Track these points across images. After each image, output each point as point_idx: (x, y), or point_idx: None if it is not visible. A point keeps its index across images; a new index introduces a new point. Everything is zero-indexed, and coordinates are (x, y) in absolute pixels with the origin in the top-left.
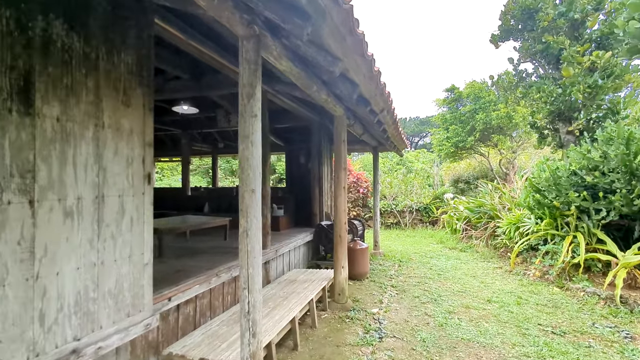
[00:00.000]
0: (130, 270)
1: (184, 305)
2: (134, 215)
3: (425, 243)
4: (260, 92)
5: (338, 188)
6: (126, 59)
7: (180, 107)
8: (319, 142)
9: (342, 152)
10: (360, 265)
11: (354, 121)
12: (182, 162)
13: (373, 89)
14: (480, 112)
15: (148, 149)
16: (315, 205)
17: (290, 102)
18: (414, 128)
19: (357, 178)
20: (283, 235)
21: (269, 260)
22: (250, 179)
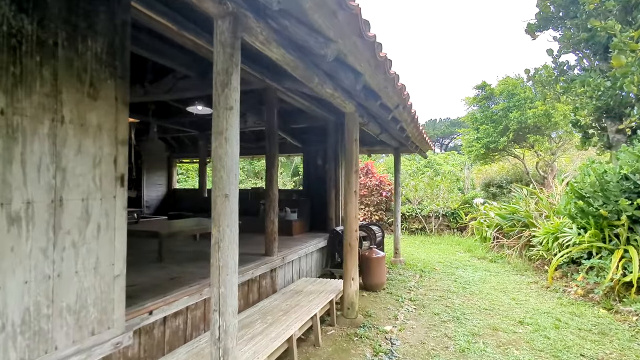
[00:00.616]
0: (95, 283)
1: (172, 318)
2: (101, 222)
3: (452, 251)
4: (238, 81)
5: (349, 192)
6: (94, 47)
7: (195, 108)
8: (335, 143)
9: (353, 153)
10: (375, 276)
11: (367, 119)
12: (199, 163)
13: (381, 80)
14: (515, 110)
15: (121, 148)
16: (331, 209)
17: (302, 100)
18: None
19: (380, 181)
20: (295, 241)
21: (275, 268)
22: (223, 181)
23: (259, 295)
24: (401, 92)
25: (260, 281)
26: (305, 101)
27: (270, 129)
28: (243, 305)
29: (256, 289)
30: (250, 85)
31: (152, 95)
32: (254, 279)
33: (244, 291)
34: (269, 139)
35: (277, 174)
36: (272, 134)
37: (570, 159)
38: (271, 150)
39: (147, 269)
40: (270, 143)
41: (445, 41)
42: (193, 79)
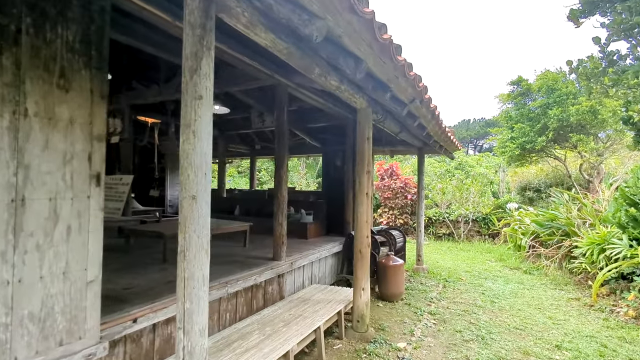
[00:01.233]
0: (65, 290)
1: (163, 326)
2: (72, 223)
3: (481, 260)
4: (211, 67)
5: (360, 195)
6: (65, 35)
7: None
8: (354, 142)
9: (365, 152)
10: (393, 285)
11: (383, 116)
12: (218, 163)
13: (389, 69)
14: (555, 107)
15: (97, 144)
16: (349, 212)
17: (317, 98)
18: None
19: (405, 183)
20: (309, 245)
21: (282, 274)
22: (190, 181)
23: (264, 302)
24: (415, 83)
25: (265, 287)
26: (320, 98)
27: (279, 127)
28: (246, 312)
29: (261, 295)
30: (259, 82)
31: (165, 94)
32: (259, 285)
33: (247, 298)
34: (278, 138)
35: (286, 175)
36: (282, 133)
37: (620, 160)
38: (280, 150)
39: (147, 271)
40: (279, 143)
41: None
42: None
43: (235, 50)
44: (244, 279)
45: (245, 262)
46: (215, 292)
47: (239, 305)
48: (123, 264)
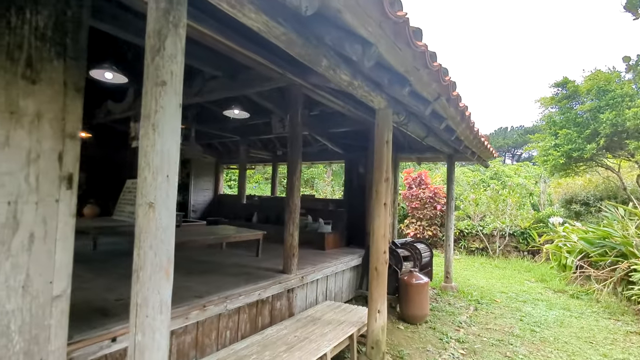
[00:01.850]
0: (23, 306)
1: None
2: (36, 230)
3: (519, 279)
4: (179, 48)
5: (377, 204)
6: (34, 21)
7: (232, 112)
8: None
9: (383, 158)
10: (416, 305)
11: (406, 117)
12: (239, 169)
13: (407, 57)
14: (608, 110)
15: (70, 143)
16: (370, 222)
17: (335, 99)
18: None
19: (435, 193)
20: (325, 257)
21: (292, 288)
22: (147, 185)
23: (271, 320)
24: (440, 77)
25: (273, 303)
26: (339, 100)
27: (293, 131)
28: (249, 330)
29: (267, 311)
30: (272, 82)
31: (184, 98)
32: (265, 300)
33: (251, 314)
34: (291, 142)
35: (299, 181)
36: (295, 137)
37: None
38: (293, 155)
39: None
40: (292, 147)
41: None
42: (221, 79)
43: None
44: (247, 294)
45: (253, 274)
46: (213, 308)
47: (242, 322)
48: (125, 271)
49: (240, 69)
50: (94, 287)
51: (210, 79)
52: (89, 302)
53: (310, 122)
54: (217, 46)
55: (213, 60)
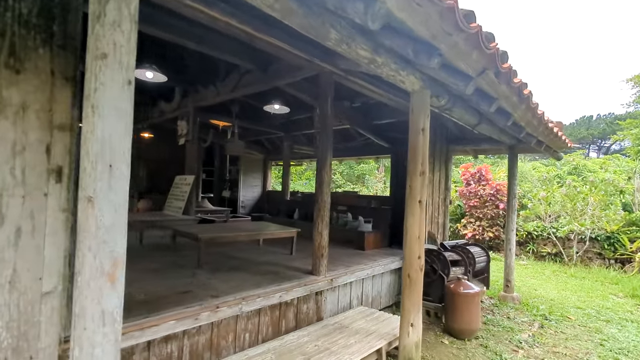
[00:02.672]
0: (11, 301)
1: (161, 343)
2: (23, 225)
3: (602, 293)
4: (124, 16)
5: (411, 203)
6: (18, 7)
7: (272, 107)
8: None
9: (418, 148)
10: (464, 318)
11: (448, 100)
12: (283, 165)
13: (430, 15)
14: None
15: (59, 134)
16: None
17: (370, 86)
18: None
19: (497, 190)
20: (363, 258)
21: (321, 291)
22: (87, 177)
23: (297, 323)
24: (481, 42)
25: (299, 305)
26: (375, 86)
27: (322, 122)
28: (271, 333)
29: (292, 315)
30: (302, 71)
31: (223, 94)
32: (289, 303)
33: (273, 317)
34: (321, 134)
35: (329, 177)
36: (324, 129)
37: None
38: (322, 148)
39: (174, 275)
40: (322, 139)
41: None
42: (255, 72)
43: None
44: (266, 296)
45: (280, 273)
46: (227, 310)
47: (262, 325)
48: (158, 265)
49: (271, 61)
50: None
51: (245, 73)
52: None
53: (352, 114)
54: (232, 31)
55: (243, 52)
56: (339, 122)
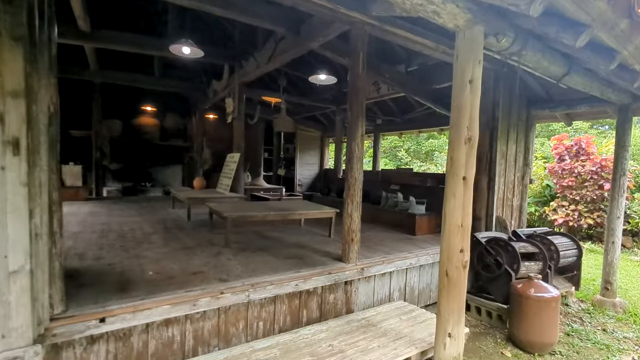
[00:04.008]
0: None
1: (161, 327)
2: None
3: None
4: None
5: (452, 180)
6: None
7: (316, 77)
8: (492, 103)
9: (463, 107)
10: (534, 327)
11: (514, 39)
12: (335, 142)
13: None
14: None
15: (12, 102)
16: (479, 204)
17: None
18: None
19: (601, 166)
20: (411, 243)
21: (351, 281)
22: None
23: (322, 314)
24: None
25: (324, 295)
26: (421, 36)
27: (352, 84)
28: (289, 324)
29: (316, 305)
30: (332, 27)
31: (262, 66)
32: (312, 292)
33: (292, 306)
34: (350, 99)
35: (360, 150)
36: (354, 92)
37: None
38: (352, 116)
39: (197, 255)
40: (351, 106)
41: None
42: (288, 38)
43: None
44: (279, 284)
45: (305, 258)
46: (231, 297)
47: (279, 314)
48: (192, 243)
49: (302, 19)
50: (149, 256)
51: (280, 40)
52: (126, 272)
53: (405, 80)
54: None
55: (271, 14)
56: (392, 90)
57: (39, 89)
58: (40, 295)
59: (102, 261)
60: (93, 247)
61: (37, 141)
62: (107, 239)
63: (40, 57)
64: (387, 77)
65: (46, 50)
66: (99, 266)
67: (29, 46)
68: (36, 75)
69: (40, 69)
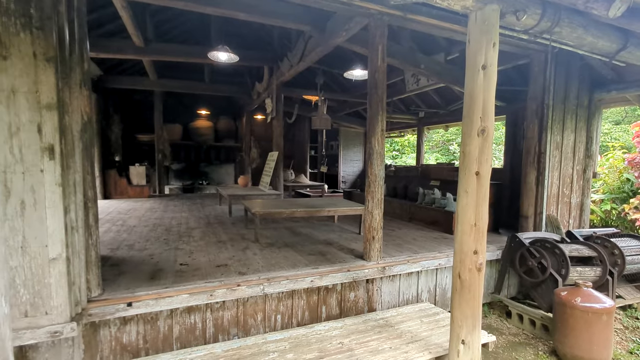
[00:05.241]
0: (24, 264)
1: (184, 313)
2: (26, 198)
3: None
4: None
5: (465, 176)
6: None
7: (351, 73)
8: (541, 90)
9: (475, 96)
10: (581, 342)
11: (538, 15)
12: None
13: None
14: None
15: (47, 114)
16: (527, 201)
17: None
18: None
19: None
20: (444, 243)
21: (373, 279)
22: None
23: (341, 311)
24: None
25: (343, 292)
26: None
27: (371, 77)
28: (308, 318)
29: (335, 302)
30: (353, 21)
31: (295, 66)
32: (330, 289)
33: (310, 301)
34: (370, 93)
35: (380, 145)
36: (374, 85)
37: None
38: (373, 111)
39: (227, 248)
40: (371, 99)
41: None
42: (314, 36)
43: None
44: (294, 279)
45: (327, 255)
46: (246, 289)
47: (297, 308)
48: (226, 237)
49: (327, 17)
50: (185, 248)
51: (309, 39)
52: (160, 262)
53: (443, 69)
54: None
55: (294, 13)
56: (432, 81)
57: (71, 102)
58: (77, 280)
59: (145, 252)
60: (142, 240)
61: (70, 147)
62: (155, 232)
63: (72, 74)
64: (422, 68)
65: (77, 67)
66: (142, 256)
67: (61, 65)
68: (68, 89)
69: (72, 84)
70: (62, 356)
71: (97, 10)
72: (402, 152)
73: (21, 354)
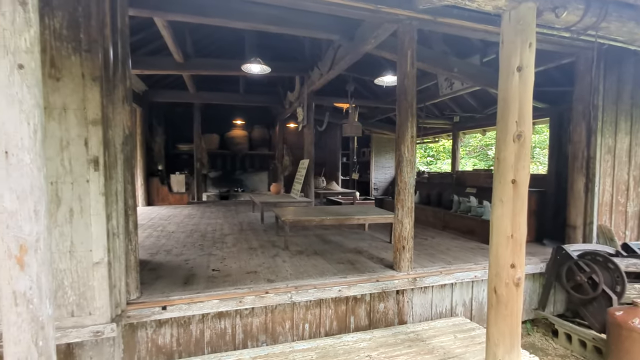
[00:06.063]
0: (72, 267)
1: (215, 318)
2: (74, 206)
3: None
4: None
5: (500, 184)
6: (52, 24)
7: (381, 80)
8: (589, 90)
9: (510, 99)
10: None
11: (582, 10)
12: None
13: None
14: None
15: (93, 129)
16: (574, 210)
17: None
18: None
19: None
20: (481, 254)
21: (404, 290)
22: None
23: (370, 322)
24: None
25: (372, 303)
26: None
27: (400, 84)
28: (336, 328)
29: (364, 312)
30: (381, 28)
31: (325, 75)
32: (359, 299)
33: (338, 311)
34: (400, 100)
35: (410, 152)
36: (403, 92)
37: None
38: (402, 118)
39: (258, 255)
40: (400, 106)
41: None
42: (343, 44)
43: None
44: (322, 288)
45: (356, 264)
46: (274, 297)
47: (325, 317)
48: (257, 244)
49: (355, 25)
50: (218, 254)
51: (338, 48)
52: (195, 267)
53: (480, 72)
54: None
55: (323, 24)
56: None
57: (114, 117)
58: (117, 283)
59: (182, 257)
60: (179, 245)
61: (113, 159)
62: (191, 238)
63: (115, 91)
64: (455, 72)
65: (120, 85)
66: (178, 261)
67: (105, 83)
68: (111, 105)
69: (115, 100)
70: (104, 355)
71: (142, 30)
72: (437, 157)
73: (68, 350)
